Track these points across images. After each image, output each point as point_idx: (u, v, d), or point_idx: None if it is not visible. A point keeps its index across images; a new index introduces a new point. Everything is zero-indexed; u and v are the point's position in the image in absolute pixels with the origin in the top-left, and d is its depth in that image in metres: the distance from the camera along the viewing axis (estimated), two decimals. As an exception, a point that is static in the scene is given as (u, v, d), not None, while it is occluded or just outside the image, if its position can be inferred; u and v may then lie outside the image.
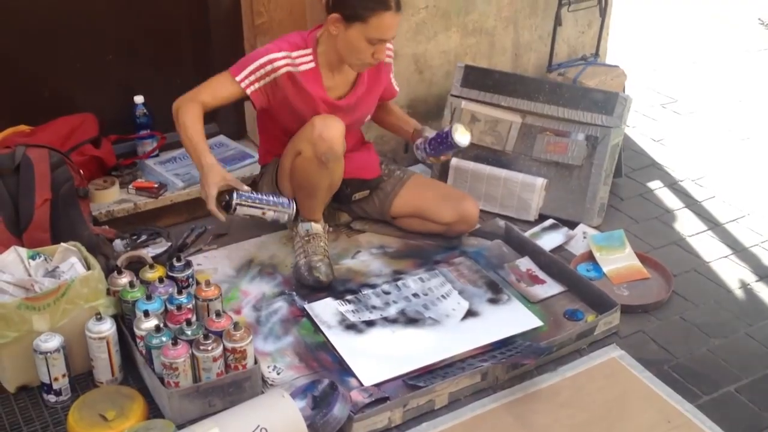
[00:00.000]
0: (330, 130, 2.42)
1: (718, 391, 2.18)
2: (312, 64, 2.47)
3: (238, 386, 2.05)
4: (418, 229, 2.76)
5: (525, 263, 2.67)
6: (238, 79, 2.42)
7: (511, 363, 2.18)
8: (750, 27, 5.06)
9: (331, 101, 2.53)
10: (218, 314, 2.11)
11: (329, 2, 2.40)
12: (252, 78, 2.43)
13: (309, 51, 2.47)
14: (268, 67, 2.43)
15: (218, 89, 2.45)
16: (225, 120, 3.17)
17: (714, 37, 4.90)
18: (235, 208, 2.33)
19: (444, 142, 2.58)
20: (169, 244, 2.65)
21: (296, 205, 2.46)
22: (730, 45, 4.78)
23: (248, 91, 2.44)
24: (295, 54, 2.45)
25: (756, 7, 5.25)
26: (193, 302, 2.20)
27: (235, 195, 2.33)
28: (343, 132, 2.45)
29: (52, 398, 2.06)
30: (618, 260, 2.67)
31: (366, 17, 2.35)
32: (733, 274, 2.68)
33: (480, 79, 3.04)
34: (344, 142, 2.47)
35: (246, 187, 2.38)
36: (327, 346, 2.29)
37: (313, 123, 2.43)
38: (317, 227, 2.57)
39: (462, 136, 2.55)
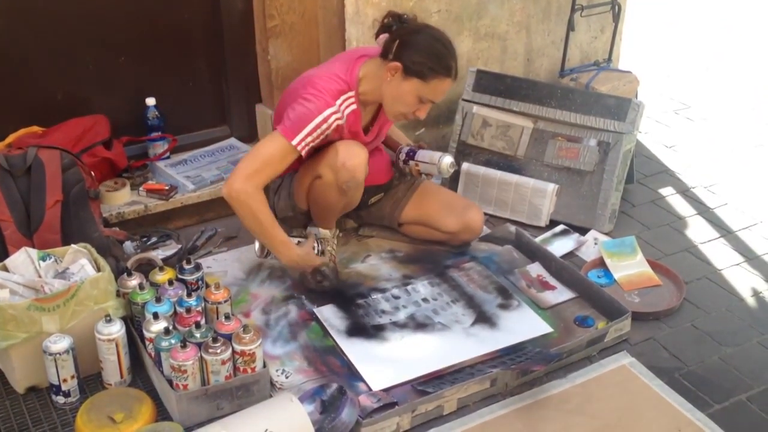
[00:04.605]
0: (354, 159, 2.37)
1: (730, 399, 2.16)
2: (354, 106, 2.40)
3: (247, 389, 2.05)
4: (423, 236, 2.76)
5: (535, 269, 2.65)
6: (295, 143, 2.29)
7: (520, 369, 2.16)
8: (764, 33, 5.04)
9: (364, 138, 2.52)
10: (227, 317, 2.11)
11: (392, 48, 2.33)
12: (308, 140, 2.31)
13: (352, 94, 2.38)
14: (323, 126, 2.31)
15: (279, 162, 2.32)
16: (236, 123, 3.17)
17: (727, 44, 4.87)
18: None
19: (428, 156, 2.64)
20: (179, 246, 2.65)
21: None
22: (743, 51, 4.75)
23: (303, 153, 2.33)
24: (340, 101, 2.35)
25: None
26: (203, 305, 2.20)
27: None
28: (366, 160, 2.41)
29: (60, 399, 2.06)
30: (629, 267, 2.66)
31: (428, 77, 2.32)
32: (745, 282, 2.66)
33: (492, 84, 3.03)
34: (367, 169, 2.42)
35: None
36: (336, 351, 2.29)
37: (337, 149, 2.38)
38: (325, 232, 2.56)
39: (446, 161, 2.59)
